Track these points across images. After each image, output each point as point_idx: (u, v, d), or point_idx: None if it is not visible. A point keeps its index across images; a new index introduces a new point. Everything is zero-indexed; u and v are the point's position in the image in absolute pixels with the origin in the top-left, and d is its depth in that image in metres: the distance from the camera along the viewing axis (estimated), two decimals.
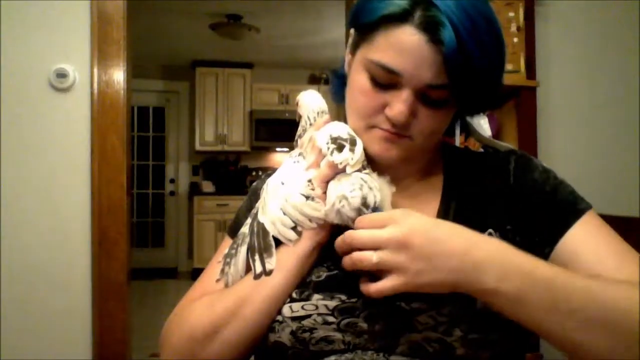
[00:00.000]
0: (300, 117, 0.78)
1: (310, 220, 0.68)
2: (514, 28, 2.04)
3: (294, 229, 0.68)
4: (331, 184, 0.67)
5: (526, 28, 2.05)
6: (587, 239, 0.68)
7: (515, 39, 2.03)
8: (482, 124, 1.83)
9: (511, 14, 2.04)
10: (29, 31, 1.88)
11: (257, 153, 6.43)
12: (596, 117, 2.31)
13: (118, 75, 1.93)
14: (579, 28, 2.31)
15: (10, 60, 1.87)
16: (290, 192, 0.69)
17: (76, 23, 1.91)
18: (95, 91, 1.91)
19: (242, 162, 6.47)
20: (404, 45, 0.64)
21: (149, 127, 6.41)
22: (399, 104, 0.66)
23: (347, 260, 0.63)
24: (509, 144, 0.85)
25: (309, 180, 0.69)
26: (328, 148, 0.68)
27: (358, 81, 0.70)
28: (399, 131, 0.68)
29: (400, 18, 0.64)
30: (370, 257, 0.60)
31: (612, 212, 1.81)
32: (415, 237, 0.59)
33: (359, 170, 0.67)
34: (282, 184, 0.71)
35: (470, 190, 0.75)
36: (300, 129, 0.78)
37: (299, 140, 0.77)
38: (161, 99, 6.40)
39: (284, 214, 0.69)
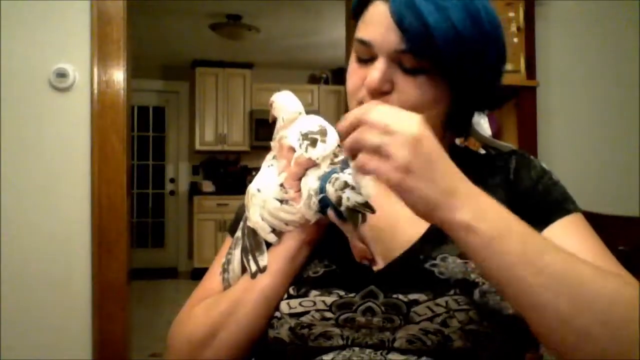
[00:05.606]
0: (274, 118, 0.76)
1: (286, 224, 0.69)
2: (514, 28, 2.04)
3: (273, 231, 0.70)
4: (302, 181, 0.66)
5: (526, 28, 2.05)
6: (563, 238, 0.67)
7: (515, 39, 2.04)
8: (482, 124, 1.83)
9: (511, 14, 2.04)
10: (29, 31, 1.88)
11: (257, 153, 6.41)
12: (596, 116, 2.32)
13: (118, 75, 1.93)
14: (579, 28, 2.31)
15: (10, 60, 1.86)
16: (265, 198, 0.69)
17: (76, 23, 1.90)
18: (95, 91, 1.90)
19: (242, 162, 6.47)
20: (372, 17, 0.69)
21: (149, 127, 6.42)
22: (372, 71, 0.68)
23: (348, 140, 0.57)
24: (509, 143, 0.85)
25: (281, 185, 0.69)
26: (300, 145, 0.67)
27: (350, 64, 0.74)
28: (379, 100, 0.68)
29: None
30: (374, 137, 0.54)
31: (612, 211, 1.81)
32: (429, 142, 0.54)
33: (335, 156, 0.66)
34: (258, 190, 0.71)
35: None
36: (276, 132, 0.77)
37: (272, 144, 0.76)
38: (161, 99, 6.40)
39: (263, 219, 0.70)
